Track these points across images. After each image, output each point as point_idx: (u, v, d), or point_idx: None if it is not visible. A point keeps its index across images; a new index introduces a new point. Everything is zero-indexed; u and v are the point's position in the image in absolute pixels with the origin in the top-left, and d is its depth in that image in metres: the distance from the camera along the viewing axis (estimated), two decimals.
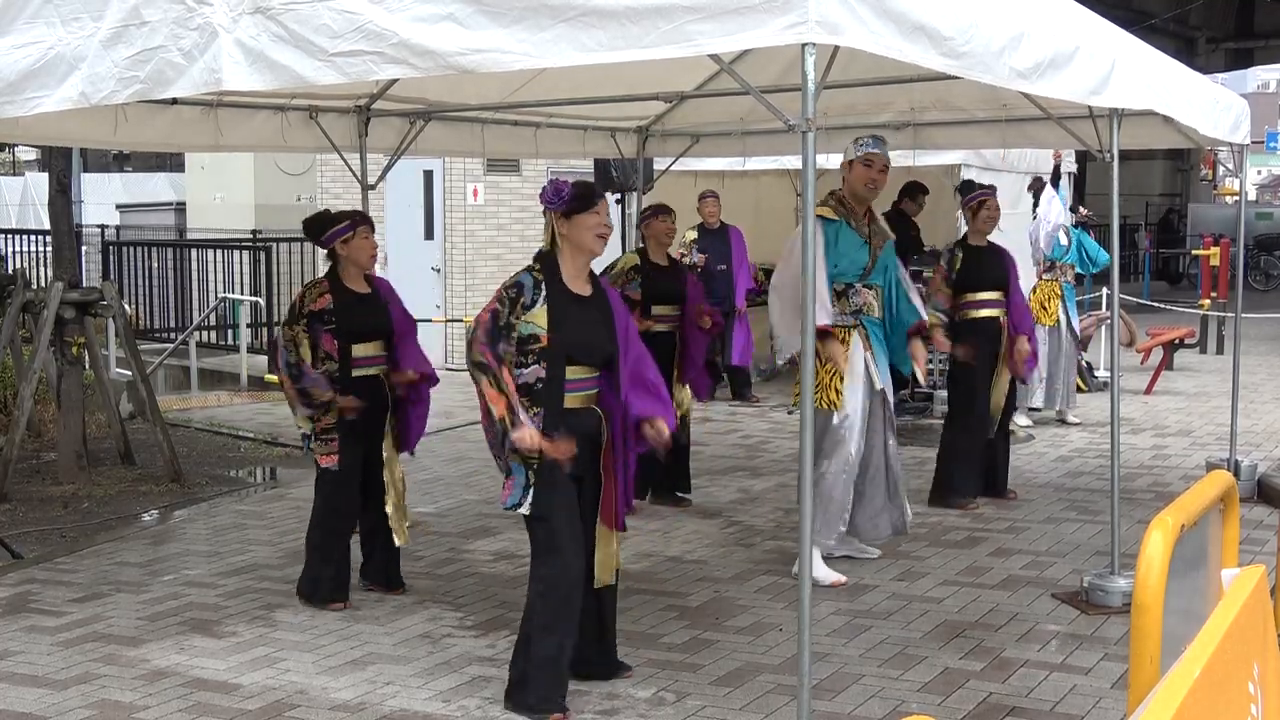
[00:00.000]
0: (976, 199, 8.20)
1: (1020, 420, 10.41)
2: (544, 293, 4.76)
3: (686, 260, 11.14)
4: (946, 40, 4.00)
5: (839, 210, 6.53)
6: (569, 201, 4.78)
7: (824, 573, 6.40)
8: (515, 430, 4.63)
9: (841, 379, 6.44)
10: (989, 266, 8.15)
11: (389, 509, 6.22)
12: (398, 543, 6.29)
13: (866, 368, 6.54)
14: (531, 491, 4.73)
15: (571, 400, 4.80)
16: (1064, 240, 10.77)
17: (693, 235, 11.48)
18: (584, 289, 4.87)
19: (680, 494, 8.23)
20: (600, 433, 4.87)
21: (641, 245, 8.06)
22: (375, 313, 6.15)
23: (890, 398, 6.71)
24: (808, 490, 3.92)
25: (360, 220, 6.13)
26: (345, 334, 6.04)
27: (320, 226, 6.13)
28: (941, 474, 8.24)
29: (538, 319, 4.74)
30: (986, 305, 8.17)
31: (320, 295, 6.05)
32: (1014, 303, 8.18)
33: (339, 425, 6.04)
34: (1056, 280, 10.77)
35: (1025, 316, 8.28)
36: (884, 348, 6.67)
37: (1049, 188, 11.01)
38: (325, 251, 6.22)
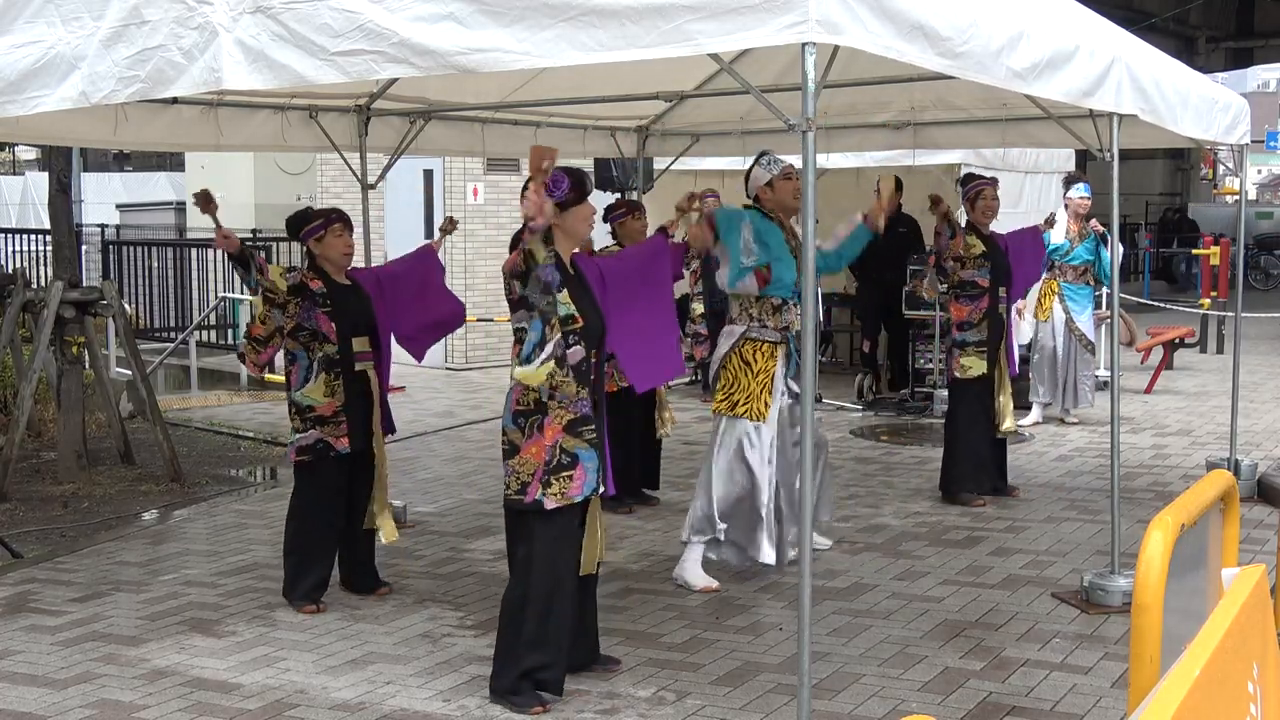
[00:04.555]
0: (974, 189, 8.24)
1: (1021, 419, 10.41)
2: (559, 277, 4.79)
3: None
4: (945, 40, 4.00)
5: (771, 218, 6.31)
6: (567, 193, 4.82)
7: (696, 576, 6.34)
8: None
9: (771, 393, 6.21)
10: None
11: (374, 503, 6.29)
12: (384, 540, 6.32)
13: (787, 387, 6.28)
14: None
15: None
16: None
17: None
18: (570, 271, 4.94)
19: (647, 491, 8.24)
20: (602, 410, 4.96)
21: (617, 243, 7.83)
22: (364, 307, 6.15)
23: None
24: (808, 489, 3.92)
25: (335, 218, 6.08)
26: (344, 320, 6.02)
27: (300, 223, 6.11)
28: (945, 469, 8.24)
29: (568, 303, 4.79)
30: None
31: (314, 278, 6.01)
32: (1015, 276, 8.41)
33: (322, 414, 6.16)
34: (1054, 279, 10.79)
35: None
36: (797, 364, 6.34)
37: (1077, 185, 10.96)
38: (304, 249, 6.21)
